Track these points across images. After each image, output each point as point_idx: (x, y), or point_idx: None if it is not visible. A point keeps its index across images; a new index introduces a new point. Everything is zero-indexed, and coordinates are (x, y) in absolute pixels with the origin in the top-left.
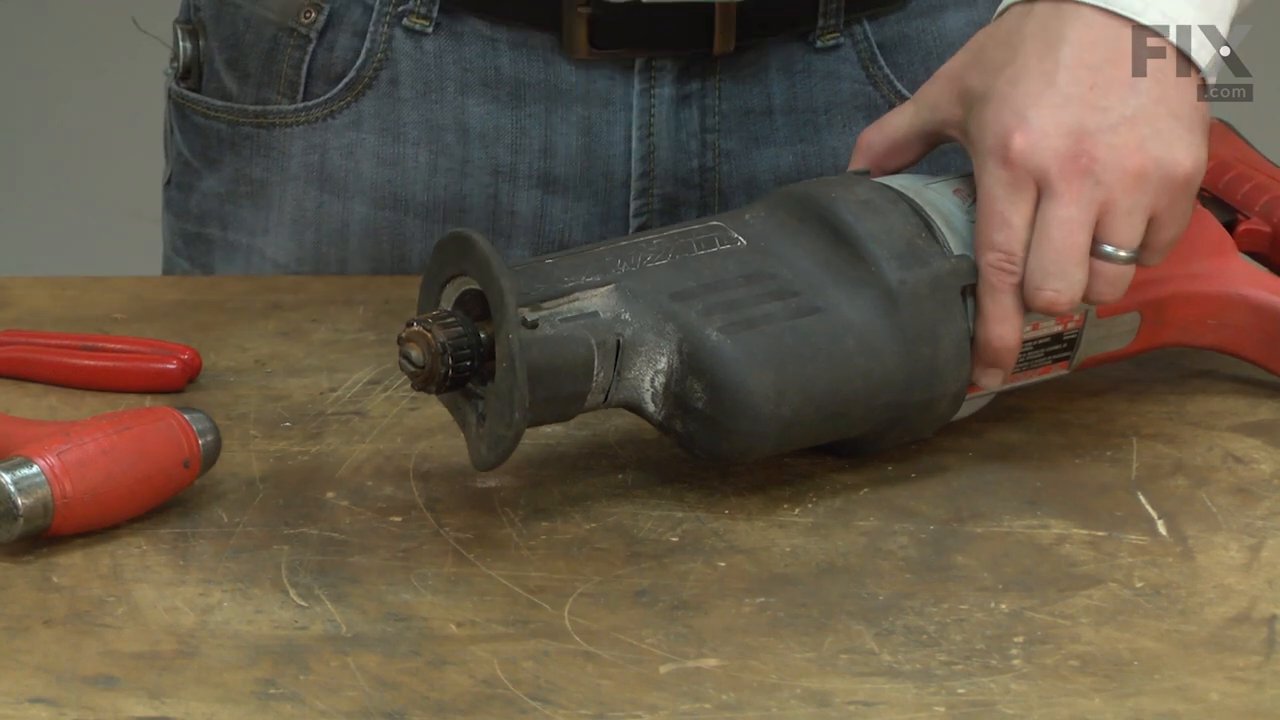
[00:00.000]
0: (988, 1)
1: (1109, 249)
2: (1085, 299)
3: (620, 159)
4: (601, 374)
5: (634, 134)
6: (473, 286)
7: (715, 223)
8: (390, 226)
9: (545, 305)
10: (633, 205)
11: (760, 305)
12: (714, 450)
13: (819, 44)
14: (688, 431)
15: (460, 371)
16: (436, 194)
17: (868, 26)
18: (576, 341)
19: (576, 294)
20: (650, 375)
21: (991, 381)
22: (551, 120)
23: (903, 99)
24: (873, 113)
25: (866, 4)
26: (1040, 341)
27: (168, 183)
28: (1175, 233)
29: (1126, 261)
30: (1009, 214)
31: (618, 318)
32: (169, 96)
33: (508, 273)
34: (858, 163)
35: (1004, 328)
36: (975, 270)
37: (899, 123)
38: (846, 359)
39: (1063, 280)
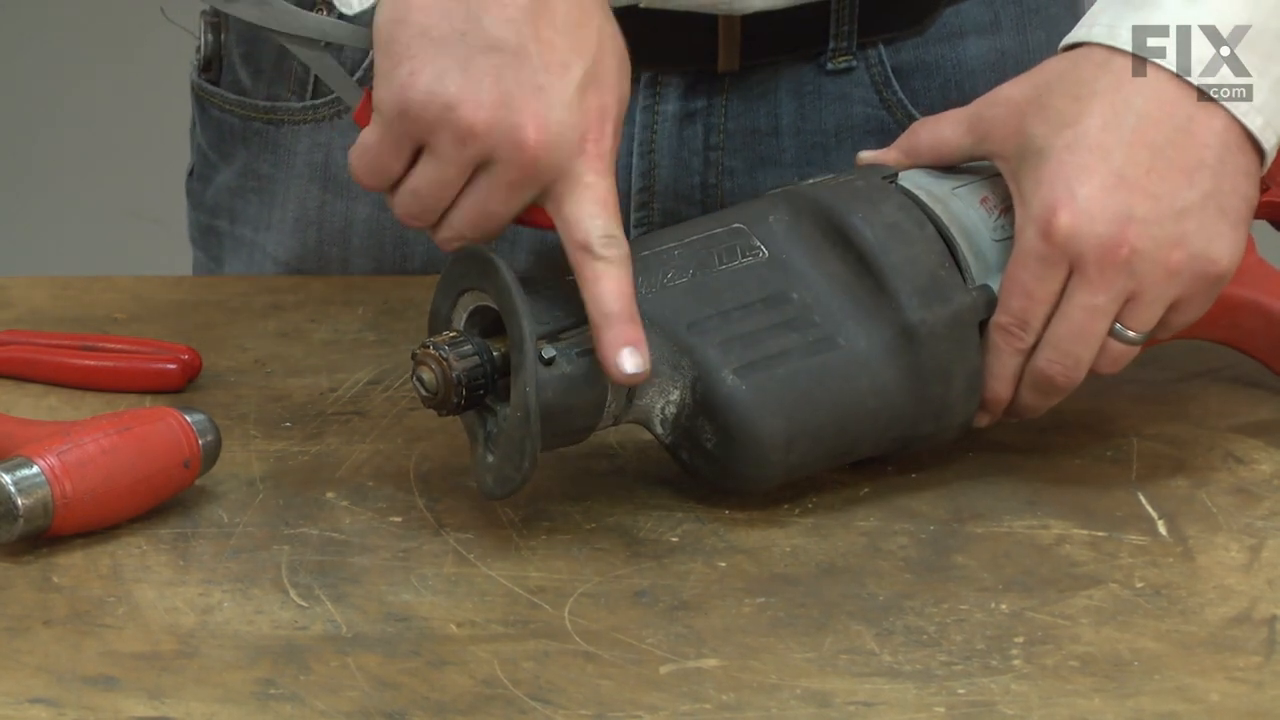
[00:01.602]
0: (1011, 29)
1: (1119, 328)
2: None
3: (623, 172)
4: (613, 404)
5: (634, 149)
6: (487, 304)
7: (738, 225)
8: (393, 227)
9: (564, 336)
10: (633, 217)
11: (777, 338)
12: (717, 484)
13: (830, 66)
14: (694, 463)
15: (473, 400)
16: None
17: (883, 50)
18: (591, 380)
19: None
20: (661, 404)
21: (979, 422)
22: None
23: None
24: (884, 138)
25: (882, 28)
26: None
27: (190, 174)
28: (1191, 319)
29: (1136, 343)
30: (1034, 287)
31: None
32: (191, 88)
33: (529, 310)
34: (899, 148)
35: (999, 385)
36: (993, 303)
37: (950, 137)
38: (858, 400)
39: (1071, 360)
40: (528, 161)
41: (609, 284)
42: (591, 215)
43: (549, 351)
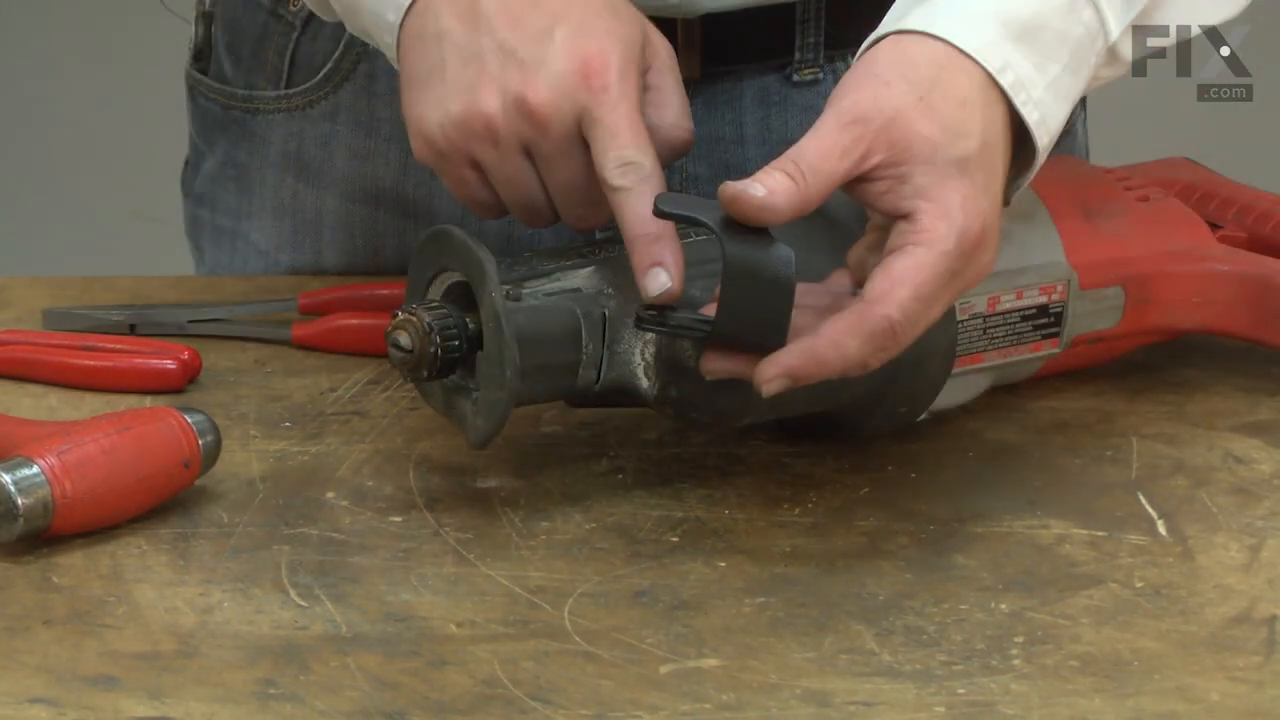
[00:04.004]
0: None
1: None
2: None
3: None
4: (591, 345)
5: None
6: (456, 279)
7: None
8: (362, 220)
9: (528, 284)
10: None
11: None
12: (712, 408)
13: (795, 78)
14: (683, 395)
15: (449, 352)
16: (407, 191)
17: (852, 63)
18: (562, 310)
19: (558, 274)
20: (639, 347)
21: (764, 383)
22: None
23: None
24: None
25: (851, 41)
26: (1027, 313)
27: (185, 164)
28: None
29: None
30: (932, 293)
31: (601, 292)
32: (185, 78)
33: (485, 249)
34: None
35: (837, 353)
36: None
37: (838, 167)
38: None
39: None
40: (543, 123)
41: (626, 212)
42: (604, 149)
43: (515, 291)
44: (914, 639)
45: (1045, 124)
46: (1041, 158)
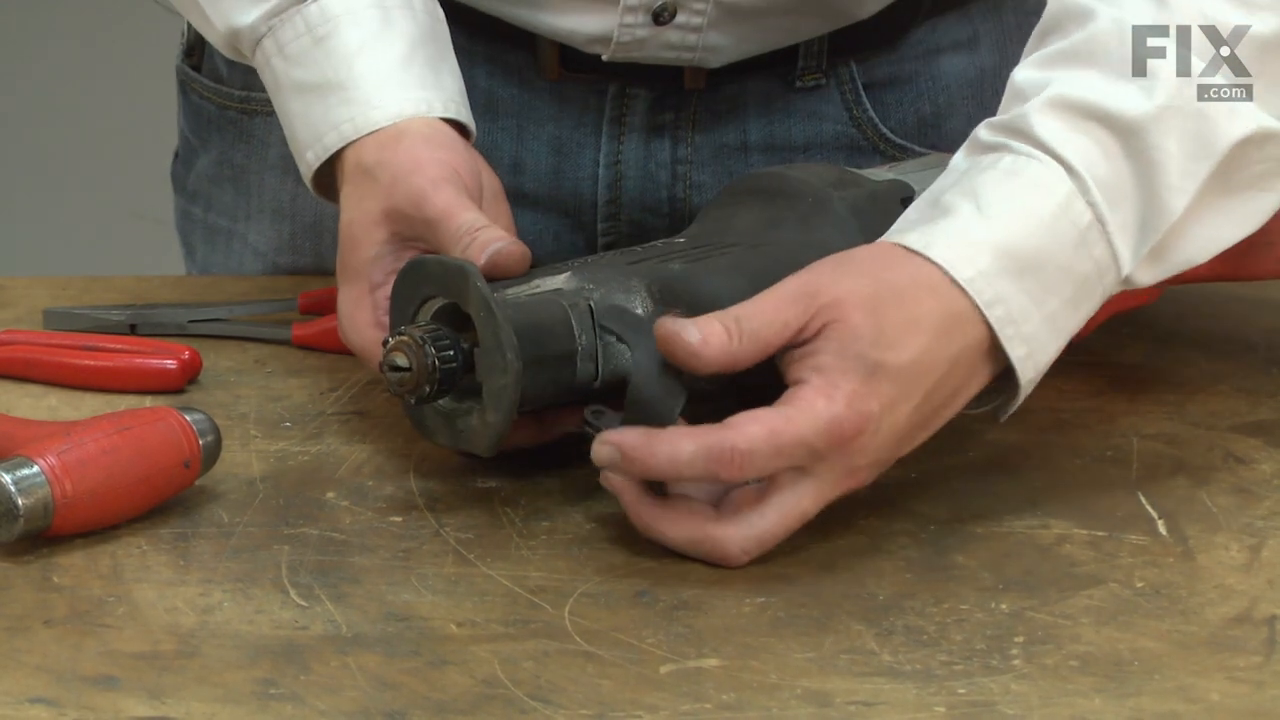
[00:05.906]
0: (989, 46)
1: None
2: None
3: (589, 181)
4: (584, 336)
5: (601, 159)
6: (440, 304)
7: (658, 241)
8: None
9: (510, 290)
10: (600, 228)
11: (716, 250)
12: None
13: (799, 84)
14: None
15: (446, 362)
16: None
17: (855, 68)
18: (548, 302)
19: (536, 280)
20: None
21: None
22: (523, 136)
23: (887, 141)
24: (854, 154)
25: (854, 48)
26: None
27: (175, 157)
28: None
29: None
30: (776, 459)
31: (582, 289)
32: (176, 73)
33: (459, 259)
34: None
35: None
36: (909, 186)
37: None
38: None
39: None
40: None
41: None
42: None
43: (499, 295)
44: (914, 639)
45: (1033, 358)
46: (1025, 390)
